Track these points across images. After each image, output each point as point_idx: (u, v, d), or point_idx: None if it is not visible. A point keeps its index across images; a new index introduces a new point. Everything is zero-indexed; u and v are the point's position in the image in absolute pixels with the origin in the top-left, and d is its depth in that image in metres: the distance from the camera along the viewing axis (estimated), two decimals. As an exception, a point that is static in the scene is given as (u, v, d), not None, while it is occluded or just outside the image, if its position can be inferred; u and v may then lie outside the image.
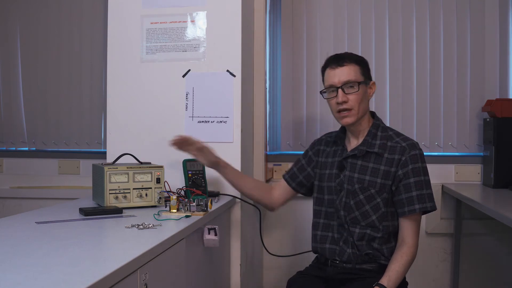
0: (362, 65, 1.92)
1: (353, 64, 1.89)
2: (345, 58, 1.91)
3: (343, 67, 1.88)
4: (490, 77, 2.87)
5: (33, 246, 1.34)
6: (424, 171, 1.86)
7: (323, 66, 1.96)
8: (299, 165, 2.10)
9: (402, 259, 1.81)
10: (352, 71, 1.88)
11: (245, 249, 2.37)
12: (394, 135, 1.92)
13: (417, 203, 1.82)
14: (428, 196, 1.84)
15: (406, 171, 1.83)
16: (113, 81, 2.38)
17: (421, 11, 2.89)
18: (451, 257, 2.87)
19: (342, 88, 1.87)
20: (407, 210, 1.83)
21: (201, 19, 2.31)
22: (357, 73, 1.89)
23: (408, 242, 1.83)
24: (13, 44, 3.16)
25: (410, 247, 1.83)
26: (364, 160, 1.90)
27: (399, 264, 1.80)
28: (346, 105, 1.87)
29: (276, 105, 2.98)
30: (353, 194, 1.88)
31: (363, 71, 1.91)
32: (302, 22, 2.97)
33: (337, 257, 1.91)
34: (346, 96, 1.86)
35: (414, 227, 1.85)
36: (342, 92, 1.87)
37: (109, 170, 1.91)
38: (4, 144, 3.19)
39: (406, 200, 1.83)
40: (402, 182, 1.84)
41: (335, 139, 2.03)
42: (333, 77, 1.89)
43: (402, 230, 1.86)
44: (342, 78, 1.87)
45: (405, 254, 1.82)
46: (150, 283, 1.32)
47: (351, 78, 1.87)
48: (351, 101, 1.87)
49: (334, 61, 1.91)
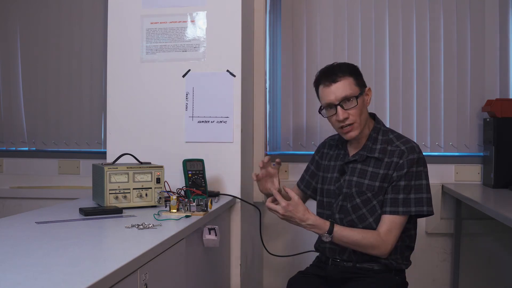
0: (355, 76, 1.87)
1: (346, 76, 1.84)
2: (337, 72, 1.85)
3: (337, 83, 1.83)
4: (490, 77, 2.86)
5: (33, 246, 1.34)
6: (417, 175, 1.82)
7: (316, 82, 1.91)
8: (310, 172, 2.11)
9: (365, 233, 1.79)
10: (347, 86, 1.83)
11: (245, 249, 2.37)
12: (395, 139, 1.90)
13: (401, 206, 1.80)
14: (415, 200, 1.80)
15: (400, 174, 1.81)
16: (113, 81, 2.38)
17: (421, 11, 2.89)
18: (451, 257, 2.87)
19: (340, 105, 1.83)
20: (388, 210, 1.81)
21: (201, 19, 2.31)
22: (352, 86, 1.84)
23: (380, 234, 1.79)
24: (13, 44, 3.16)
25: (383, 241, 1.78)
26: (364, 164, 1.89)
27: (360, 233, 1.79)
28: (348, 121, 1.84)
29: (276, 105, 2.98)
30: (350, 197, 1.88)
31: (357, 81, 1.86)
32: (302, 22, 2.97)
33: (338, 256, 1.91)
34: (347, 112, 1.82)
35: (394, 230, 1.80)
36: (341, 109, 1.82)
37: (109, 170, 1.91)
38: (4, 144, 3.20)
39: (391, 200, 1.81)
40: (392, 184, 1.82)
41: (337, 142, 2.02)
42: (328, 95, 1.84)
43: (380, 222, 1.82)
44: (338, 95, 1.82)
45: (372, 236, 1.79)
46: (150, 283, 1.32)
47: (347, 93, 1.82)
48: (352, 115, 1.83)
49: (326, 77, 1.86)
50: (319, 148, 2.12)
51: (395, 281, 1.87)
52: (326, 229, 1.78)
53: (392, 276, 1.87)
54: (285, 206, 1.76)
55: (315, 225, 1.79)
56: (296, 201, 1.77)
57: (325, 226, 1.78)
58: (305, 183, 2.13)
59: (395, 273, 1.88)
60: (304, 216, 1.78)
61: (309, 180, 2.11)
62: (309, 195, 2.12)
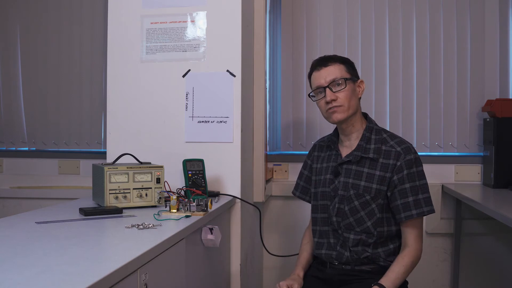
0: (347, 64, 1.91)
1: (338, 63, 1.89)
2: (329, 58, 1.91)
3: (327, 67, 1.88)
4: (490, 77, 2.87)
5: (33, 246, 1.34)
6: (420, 175, 1.84)
7: (309, 72, 1.96)
8: (305, 177, 2.09)
9: (403, 261, 1.81)
10: (337, 69, 1.87)
11: (245, 249, 2.37)
12: (389, 138, 1.90)
13: (413, 208, 1.81)
14: (424, 200, 1.82)
15: (401, 176, 1.82)
16: (113, 81, 2.38)
17: (421, 11, 2.90)
18: (451, 257, 2.87)
19: (329, 87, 1.86)
20: (403, 216, 1.82)
21: (201, 19, 2.31)
22: (342, 71, 1.88)
23: (410, 246, 1.83)
24: (13, 44, 3.16)
25: (412, 250, 1.82)
26: (358, 165, 1.88)
27: (399, 265, 1.80)
28: (336, 103, 1.85)
29: (276, 105, 2.98)
30: (347, 200, 1.87)
31: (349, 69, 1.90)
32: (302, 22, 2.97)
33: (335, 261, 1.90)
34: (335, 94, 1.85)
35: (415, 231, 1.84)
36: (330, 91, 1.86)
37: (109, 170, 1.91)
38: (4, 144, 3.20)
39: (402, 206, 1.82)
40: (397, 188, 1.82)
41: (328, 143, 2.01)
42: (318, 78, 1.89)
43: (403, 234, 1.86)
44: (328, 78, 1.87)
45: (406, 256, 1.81)
46: (150, 283, 1.32)
47: (337, 76, 1.86)
48: (340, 98, 1.85)
49: (318, 63, 1.92)
50: (310, 152, 2.10)
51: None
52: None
53: (392, 276, 1.87)
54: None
55: None
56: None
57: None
58: (301, 189, 2.10)
59: (394, 273, 1.88)
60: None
61: (304, 186, 2.09)
62: (308, 201, 2.09)
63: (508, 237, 2.81)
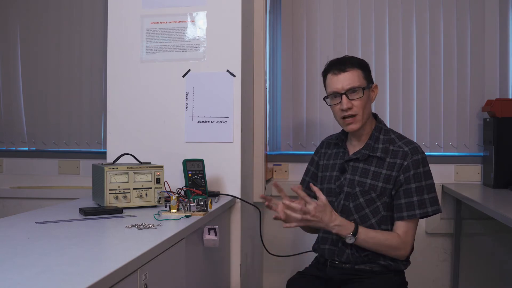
0: (364, 69, 1.90)
1: (356, 68, 1.88)
2: (346, 63, 1.89)
3: (345, 72, 1.86)
4: (490, 77, 2.86)
5: (33, 246, 1.33)
6: (426, 175, 1.85)
7: (324, 71, 1.95)
8: (311, 174, 2.10)
9: (389, 235, 1.81)
10: (355, 77, 1.86)
11: (245, 249, 2.37)
12: (396, 138, 1.91)
13: (417, 208, 1.81)
14: (430, 200, 1.83)
15: (408, 176, 1.83)
16: (113, 81, 2.38)
17: (421, 11, 2.89)
18: (451, 257, 2.87)
19: (346, 94, 1.85)
20: (406, 215, 1.82)
21: (201, 19, 2.31)
22: (360, 78, 1.87)
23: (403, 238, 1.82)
24: (13, 44, 3.16)
25: (403, 242, 1.82)
26: (365, 163, 1.89)
27: (384, 234, 1.81)
28: (351, 112, 1.86)
29: (276, 105, 2.98)
30: (353, 197, 1.88)
31: (365, 75, 1.90)
32: (302, 22, 2.97)
33: (336, 258, 1.90)
34: (351, 102, 1.85)
35: (410, 230, 1.84)
36: (346, 98, 1.85)
37: (109, 170, 1.91)
38: (4, 144, 3.19)
39: (406, 205, 1.82)
40: (402, 187, 1.83)
41: (336, 141, 2.02)
42: (336, 83, 1.87)
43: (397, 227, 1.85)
44: (345, 85, 1.86)
45: (395, 238, 1.81)
46: (150, 283, 1.32)
47: (354, 84, 1.85)
48: (356, 107, 1.85)
49: (335, 66, 1.89)
50: (317, 149, 2.11)
51: (394, 281, 1.87)
52: (351, 229, 1.78)
53: (392, 276, 1.87)
54: (316, 207, 1.74)
55: (342, 225, 1.78)
56: (324, 202, 1.76)
57: (350, 227, 1.78)
58: (306, 185, 2.09)
59: (394, 273, 1.88)
60: (332, 216, 1.77)
61: (310, 182, 2.09)
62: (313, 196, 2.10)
63: (508, 237, 2.81)
